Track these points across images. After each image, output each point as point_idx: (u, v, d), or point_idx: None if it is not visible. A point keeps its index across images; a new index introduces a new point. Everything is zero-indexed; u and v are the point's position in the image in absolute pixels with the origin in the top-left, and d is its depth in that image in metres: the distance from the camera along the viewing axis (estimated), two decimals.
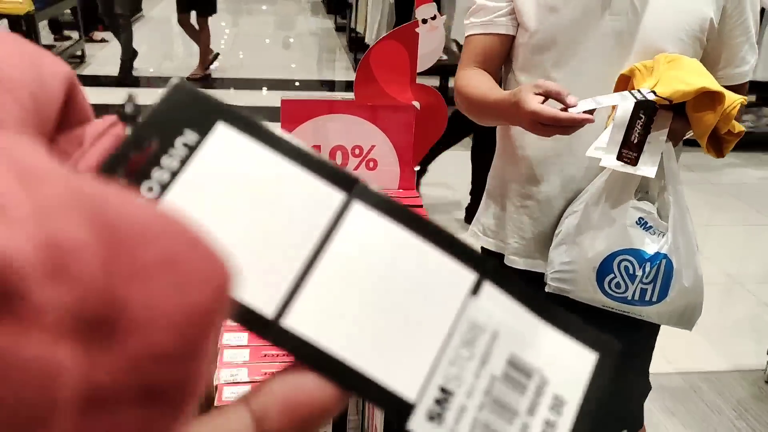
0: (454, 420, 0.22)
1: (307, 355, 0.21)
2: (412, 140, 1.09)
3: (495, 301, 0.24)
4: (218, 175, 0.22)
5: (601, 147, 1.01)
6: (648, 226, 1.07)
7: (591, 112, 0.96)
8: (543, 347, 0.24)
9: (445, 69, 5.01)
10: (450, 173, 3.83)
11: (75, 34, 5.65)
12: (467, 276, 0.24)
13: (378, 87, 1.07)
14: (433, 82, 5.30)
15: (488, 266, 0.24)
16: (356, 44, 5.99)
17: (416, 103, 1.08)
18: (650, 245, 1.07)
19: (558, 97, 0.97)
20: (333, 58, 7.00)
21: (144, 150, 0.22)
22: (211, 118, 0.23)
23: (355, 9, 6.17)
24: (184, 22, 5.34)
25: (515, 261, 1.24)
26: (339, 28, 8.09)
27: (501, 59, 1.17)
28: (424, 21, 1.05)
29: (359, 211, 0.23)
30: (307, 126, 1.06)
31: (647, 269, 1.06)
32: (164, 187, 0.22)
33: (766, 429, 1.93)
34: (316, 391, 0.21)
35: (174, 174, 0.22)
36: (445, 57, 4.85)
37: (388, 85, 1.07)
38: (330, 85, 5.83)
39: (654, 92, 0.96)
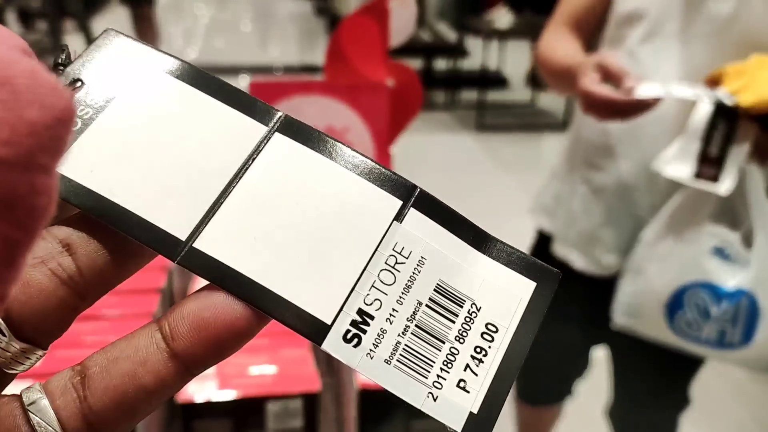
0: (373, 343, 0.22)
1: (216, 276, 0.21)
2: (387, 120, 1.05)
3: (422, 228, 0.24)
4: (142, 110, 0.23)
5: (673, 157, 0.92)
6: (726, 255, 0.95)
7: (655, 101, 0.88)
8: (475, 275, 0.24)
9: (430, 49, 4.98)
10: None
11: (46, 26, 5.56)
12: (392, 202, 0.24)
13: (350, 65, 1.03)
14: (417, 63, 5.27)
15: (416, 193, 0.24)
16: (333, 28, 5.96)
17: (390, 81, 1.04)
18: (729, 279, 0.94)
19: (617, 78, 0.89)
20: (314, 42, 6.93)
21: (71, 90, 0.23)
22: (141, 61, 0.24)
23: None
24: (136, 20, 4.89)
25: (558, 248, 1.20)
26: (320, 11, 8.01)
27: (597, 22, 1.09)
28: None
29: (280, 140, 0.24)
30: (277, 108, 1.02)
31: (724, 307, 0.94)
32: (87, 122, 0.22)
33: None
34: (227, 308, 0.21)
35: (98, 110, 0.23)
36: (429, 39, 4.82)
37: (361, 63, 1.03)
38: (312, 70, 5.77)
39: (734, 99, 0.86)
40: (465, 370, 0.22)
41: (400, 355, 0.22)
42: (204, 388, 0.69)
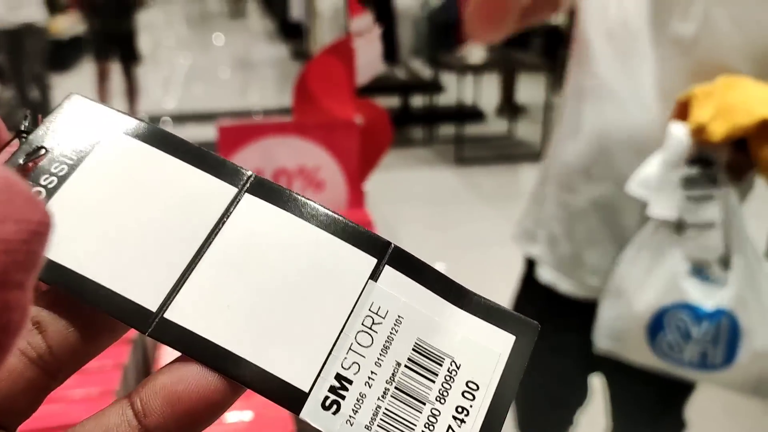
0: (352, 408, 0.22)
1: (189, 346, 0.21)
2: (358, 157, 1.05)
3: (398, 285, 0.24)
4: (107, 176, 0.23)
5: (648, 183, 0.92)
6: (705, 275, 0.94)
7: None
8: (454, 332, 0.24)
9: (406, 87, 5.04)
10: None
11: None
12: (367, 261, 0.23)
13: (317, 105, 1.03)
14: (395, 101, 5.32)
15: (389, 250, 0.24)
16: None
17: (359, 119, 1.04)
18: (708, 299, 0.93)
19: None
20: (289, 86, 6.99)
21: (35, 159, 0.22)
22: (105, 125, 0.23)
23: (308, 35, 6.17)
24: (103, 73, 4.85)
25: (542, 273, 1.19)
26: (296, 54, 8.10)
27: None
28: (359, 34, 1.01)
29: (250, 201, 0.23)
30: (246, 151, 1.02)
31: (705, 327, 0.93)
32: (52, 191, 0.22)
33: None
34: (200, 380, 0.20)
35: (63, 178, 0.22)
36: (405, 76, 4.87)
37: (328, 102, 1.03)
38: (291, 113, 5.81)
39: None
40: (447, 431, 0.22)
41: (381, 419, 0.21)
42: None
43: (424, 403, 0.22)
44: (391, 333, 0.23)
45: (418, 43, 5.32)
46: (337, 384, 0.22)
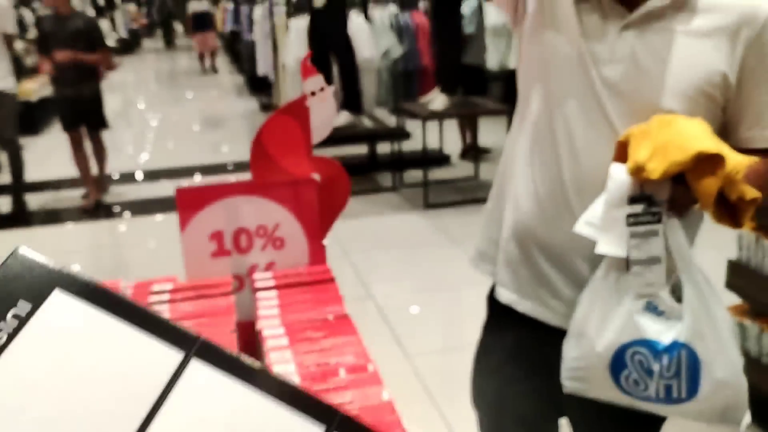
0: None
1: None
2: (317, 213, 1.04)
3: None
4: (50, 345, 0.22)
5: (594, 222, 0.93)
6: (659, 310, 0.94)
7: None
8: None
9: (372, 135, 5.08)
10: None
11: None
12: (313, 430, 0.23)
13: (274, 164, 1.02)
14: (362, 149, 5.35)
15: (338, 418, 0.23)
16: None
17: (316, 176, 1.04)
18: (664, 334, 0.94)
19: None
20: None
21: None
22: (47, 286, 0.23)
23: (276, 88, 6.22)
24: (75, 141, 4.66)
25: (502, 293, 1.19)
26: (264, 107, 8.14)
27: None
28: (313, 93, 1.02)
29: (197, 368, 0.23)
30: (205, 213, 1.00)
31: (665, 362, 0.93)
32: None
33: None
34: None
35: (1, 348, 0.21)
36: (371, 124, 4.90)
37: (285, 160, 1.03)
38: None
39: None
40: None
41: None
42: None
43: None
44: None
45: (381, 93, 5.39)
46: None
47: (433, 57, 5.27)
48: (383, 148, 5.29)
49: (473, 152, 5.38)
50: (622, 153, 0.94)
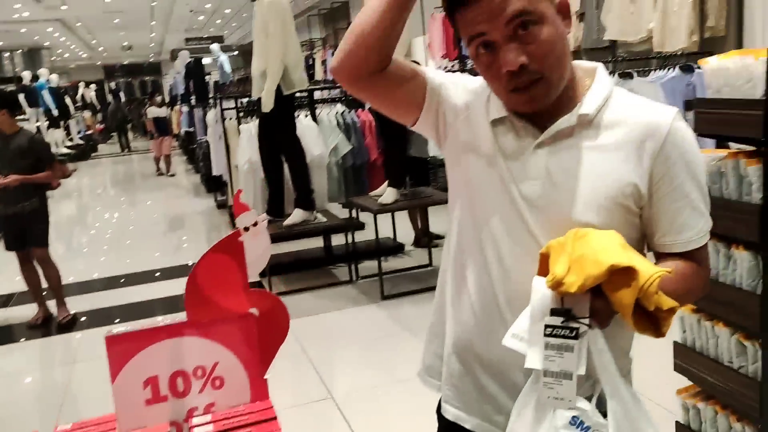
0: None
1: None
2: (257, 348, 1.00)
3: None
4: None
5: (521, 335, 0.92)
6: (584, 425, 0.92)
7: None
8: None
9: (327, 229, 5.08)
10: None
11: None
12: None
13: (210, 302, 0.99)
14: (318, 242, 5.32)
15: None
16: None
17: (254, 310, 1.00)
18: None
19: None
20: (219, 235, 6.94)
21: None
22: None
23: (230, 187, 6.21)
24: (22, 259, 4.37)
25: (448, 410, 1.17)
26: (220, 206, 8.11)
27: (404, 78, 1.11)
28: (246, 229, 1.00)
29: None
30: (138, 359, 0.95)
31: None
32: None
33: None
34: None
35: None
36: (324, 219, 4.88)
37: (221, 298, 0.99)
38: None
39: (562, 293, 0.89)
40: None
41: None
42: None
43: None
44: None
45: (333, 188, 5.44)
46: None
47: (380, 152, 5.37)
48: (339, 240, 5.28)
49: (426, 239, 5.41)
50: (544, 265, 0.95)
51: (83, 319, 4.60)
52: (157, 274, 5.60)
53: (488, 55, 0.99)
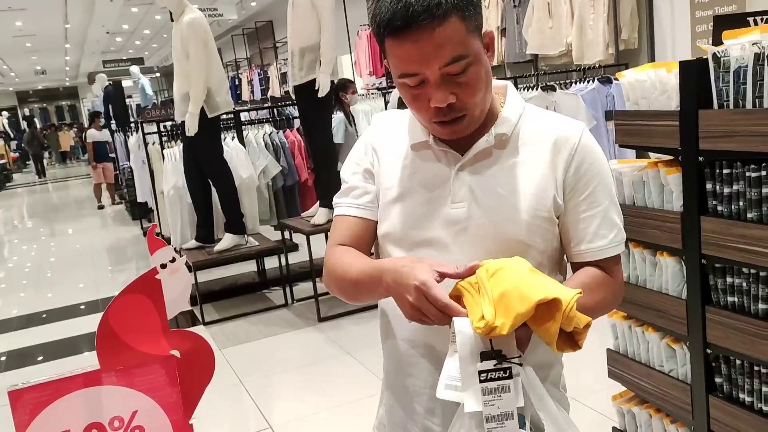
0: None
1: None
2: (179, 392, 0.94)
3: None
4: None
5: (454, 384, 0.89)
6: None
7: None
8: None
9: (261, 253, 4.96)
10: None
11: None
12: None
13: (126, 346, 0.92)
14: (251, 266, 5.18)
15: None
16: None
17: (175, 352, 0.94)
18: None
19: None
20: (147, 264, 6.68)
21: None
22: None
23: (157, 214, 6.01)
24: None
25: None
26: (146, 233, 7.83)
27: (369, 244, 1.12)
28: (164, 266, 0.94)
29: None
30: (48, 413, 0.87)
31: None
32: None
33: None
34: None
35: None
36: (256, 243, 4.75)
37: (138, 341, 0.93)
38: None
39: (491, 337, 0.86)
40: None
41: None
42: None
43: None
44: None
45: (263, 211, 5.34)
46: None
47: (310, 172, 5.32)
48: (272, 263, 5.17)
49: None
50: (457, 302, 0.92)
51: (2, 359, 4.31)
52: (82, 307, 5.34)
53: (417, 88, 0.99)
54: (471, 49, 0.96)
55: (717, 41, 1.59)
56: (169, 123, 5.50)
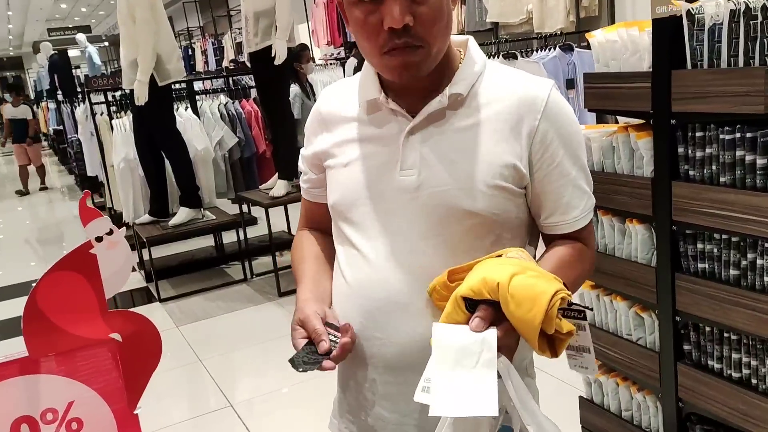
0: None
1: None
2: (121, 379, 0.84)
3: None
4: None
5: (427, 386, 0.81)
6: None
7: None
8: None
9: (218, 227, 4.81)
10: None
11: None
12: None
13: (58, 330, 0.82)
14: (208, 241, 5.03)
15: None
16: (119, 223, 5.56)
17: (116, 335, 0.84)
18: None
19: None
20: None
21: None
22: None
23: (107, 187, 5.78)
24: None
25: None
26: (98, 208, 7.55)
27: (328, 220, 1.08)
28: (99, 239, 0.83)
29: None
30: None
31: None
32: None
33: None
34: None
35: None
36: (213, 217, 4.60)
37: (72, 324, 0.82)
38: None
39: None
40: None
41: None
42: None
43: None
44: None
45: (220, 183, 5.17)
46: None
47: (268, 143, 5.17)
48: (230, 237, 5.03)
49: None
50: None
51: None
52: (34, 285, 5.13)
53: (369, 5, 0.88)
54: None
55: None
56: (118, 92, 5.26)
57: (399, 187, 0.96)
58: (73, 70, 10.02)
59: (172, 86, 4.42)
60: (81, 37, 11.65)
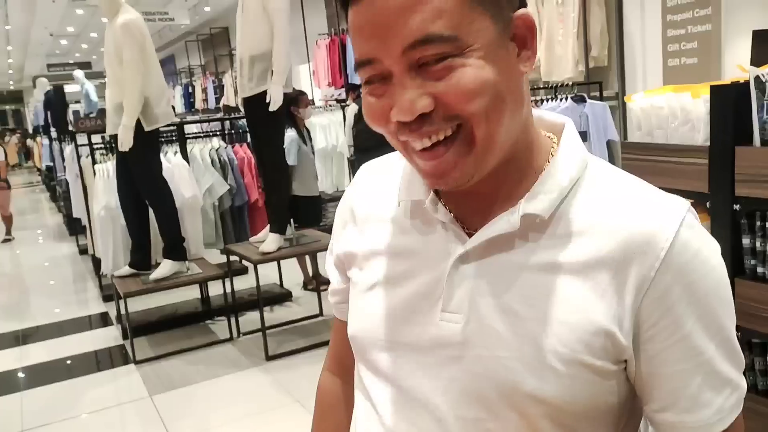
0: None
1: None
2: None
3: None
4: None
5: None
6: None
7: None
8: None
9: (204, 280, 4.50)
10: None
11: None
12: None
13: None
14: (194, 292, 4.69)
15: None
16: (99, 269, 5.24)
17: None
18: None
19: None
20: (84, 286, 6.12)
21: None
22: None
23: (90, 232, 5.50)
24: None
25: None
26: (83, 251, 7.25)
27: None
28: None
29: None
30: None
31: None
32: None
33: None
34: None
35: None
36: (199, 270, 4.28)
37: None
38: (80, 324, 4.92)
39: None
40: None
41: None
42: None
43: None
44: None
45: (208, 234, 4.89)
46: None
47: (261, 191, 4.90)
48: (217, 289, 4.71)
49: (315, 284, 4.98)
50: None
51: None
52: (22, 334, 4.81)
53: (377, 86, 0.61)
54: (466, 28, 0.57)
55: (759, 61, 1.27)
56: (107, 133, 5.01)
57: (437, 336, 0.67)
58: (71, 106, 9.82)
59: (160, 130, 4.17)
60: (78, 73, 11.52)
